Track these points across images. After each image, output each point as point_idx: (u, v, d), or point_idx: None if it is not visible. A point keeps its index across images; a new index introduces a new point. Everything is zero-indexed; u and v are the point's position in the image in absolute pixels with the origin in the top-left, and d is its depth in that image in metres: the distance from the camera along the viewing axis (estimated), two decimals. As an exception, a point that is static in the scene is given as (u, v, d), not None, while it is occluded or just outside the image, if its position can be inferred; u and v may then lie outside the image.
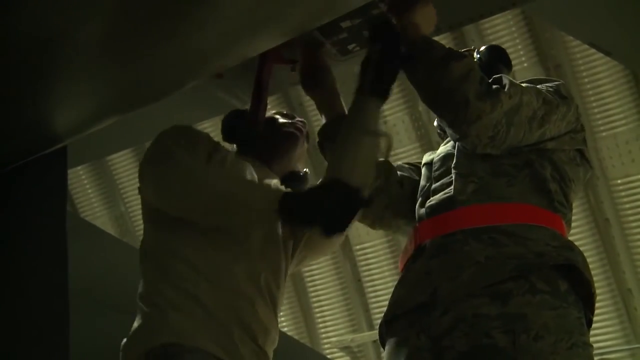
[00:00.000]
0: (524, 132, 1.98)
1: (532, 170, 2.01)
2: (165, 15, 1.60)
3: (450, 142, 2.18)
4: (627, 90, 5.72)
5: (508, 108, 1.93)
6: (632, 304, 5.94)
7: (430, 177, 2.13)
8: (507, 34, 6.05)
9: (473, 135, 1.94)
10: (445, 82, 1.93)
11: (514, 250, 1.85)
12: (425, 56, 1.97)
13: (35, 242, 2.22)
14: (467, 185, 2.00)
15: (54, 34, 1.61)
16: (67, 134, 2.08)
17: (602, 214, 5.95)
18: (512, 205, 1.95)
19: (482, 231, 1.91)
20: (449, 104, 1.94)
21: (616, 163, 5.84)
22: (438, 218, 2.00)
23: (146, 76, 1.87)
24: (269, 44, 1.99)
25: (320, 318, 7.35)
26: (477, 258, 1.86)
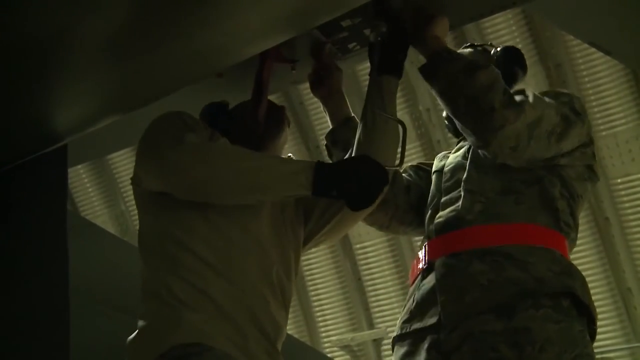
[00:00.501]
0: (544, 147, 2.01)
1: (541, 187, 2.05)
2: (167, 14, 1.60)
3: (461, 150, 2.21)
4: (627, 89, 5.73)
5: (530, 120, 1.96)
6: (632, 302, 5.95)
7: (440, 188, 2.16)
8: (507, 33, 6.05)
9: (495, 145, 1.97)
10: (470, 90, 1.96)
11: (515, 275, 1.91)
12: (450, 65, 2.01)
13: (35, 240, 2.22)
14: (474, 205, 2.04)
15: (55, 32, 1.61)
16: (67, 132, 2.08)
17: (602, 212, 5.95)
18: (517, 226, 2.00)
19: (485, 253, 1.96)
20: (474, 112, 1.97)
21: (616, 162, 5.84)
22: (446, 237, 2.05)
23: (147, 75, 1.86)
24: (270, 43, 2.00)
25: (320, 317, 7.35)
26: (480, 281, 1.92)
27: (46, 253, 2.21)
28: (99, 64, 1.78)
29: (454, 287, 1.95)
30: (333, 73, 2.30)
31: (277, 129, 2.16)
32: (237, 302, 1.81)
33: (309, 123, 6.78)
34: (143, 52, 1.75)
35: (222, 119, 2.10)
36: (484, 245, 1.97)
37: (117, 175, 7.50)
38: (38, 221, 2.21)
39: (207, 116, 2.13)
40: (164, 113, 1.92)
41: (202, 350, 1.71)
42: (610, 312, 6.04)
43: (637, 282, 5.96)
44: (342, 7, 1.88)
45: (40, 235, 2.21)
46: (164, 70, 1.87)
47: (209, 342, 1.73)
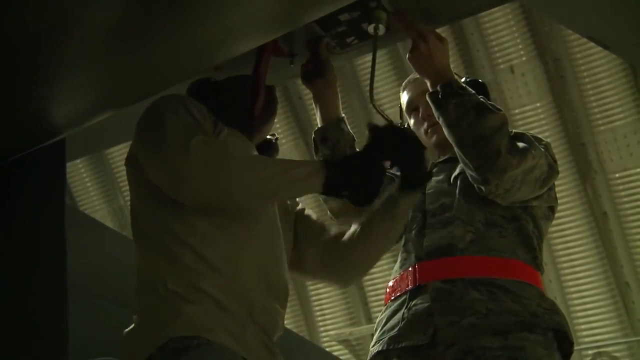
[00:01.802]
0: (529, 191, 2.14)
1: (519, 225, 2.18)
2: (166, 7, 1.60)
3: (442, 175, 2.27)
4: (626, 84, 5.73)
5: (527, 167, 2.07)
6: (630, 297, 5.96)
7: (423, 208, 2.21)
8: (506, 28, 6.04)
9: (493, 185, 2.06)
10: (479, 130, 2.04)
11: (512, 307, 2.02)
12: (461, 100, 2.07)
13: (34, 235, 2.22)
14: (466, 234, 2.14)
15: (52, 26, 1.60)
16: (66, 126, 2.07)
17: (600, 207, 5.96)
18: (506, 261, 2.11)
19: (479, 282, 2.06)
20: (480, 151, 2.05)
21: (614, 157, 5.85)
22: (438, 262, 2.13)
23: (145, 69, 1.86)
24: (267, 37, 2.00)
25: (319, 311, 7.36)
26: (479, 308, 2.01)
27: (44, 247, 2.21)
28: (96, 58, 1.77)
29: (451, 311, 2.03)
30: (330, 67, 2.31)
31: (270, 112, 2.16)
32: (235, 297, 1.80)
33: (307, 118, 6.77)
34: (140, 46, 1.74)
35: (210, 96, 2.08)
36: (477, 275, 2.07)
37: (116, 170, 7.49)
38: (36, 215, 2.21)
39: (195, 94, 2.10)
40: (166, 96, 1.88)
41: (200, 344, 1.70)
42: (608, 307, 6.05)
43: (635, 277, 5.97)
44: (341, 1, 1.88)
45: (38, 229, 2.21)
46: (162, 64, 1.87)
47: (207, 334, 1.72)
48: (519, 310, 2.01)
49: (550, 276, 6.07)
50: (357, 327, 7.10)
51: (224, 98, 2.10)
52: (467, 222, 2.14)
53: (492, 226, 2.15)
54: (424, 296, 2.09)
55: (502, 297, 2.02)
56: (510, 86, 6.03)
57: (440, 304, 2.05)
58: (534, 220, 2.21)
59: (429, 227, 2.20)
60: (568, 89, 5.93)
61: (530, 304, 2.03)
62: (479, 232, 2.13)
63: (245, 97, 2.10)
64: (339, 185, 1.81)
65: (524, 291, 2.05)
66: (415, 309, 2.09)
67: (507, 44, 6.08)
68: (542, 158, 2.12)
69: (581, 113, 5.91)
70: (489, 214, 2.16)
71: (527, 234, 2.17)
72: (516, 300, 2.02)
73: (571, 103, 5.91)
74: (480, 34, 6.06)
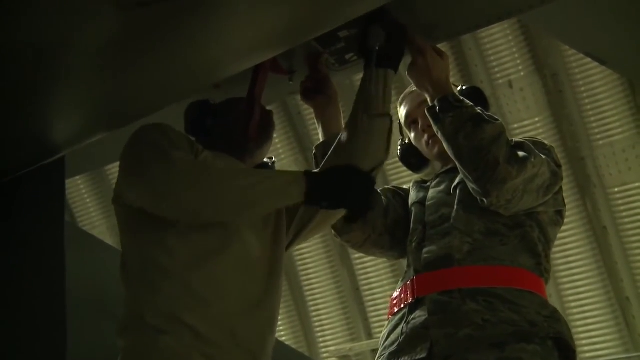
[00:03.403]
0: (532, 199, 2.12)
1: (523, 231, 2.16)
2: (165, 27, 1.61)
3: (443, 185, 2.28)
4: (624, 98, 5.74)
5: (528, 176, 2.06)
6: (631, 312, 5.94)
7: (423, 220, 2.21)
8: (504, 43, 6.07)
9: (494, 196, 2.06)
10: (476, 141, 2.05)
11: (509, 317, 1.99)
12: (458, 112, 2.08)
13: (34, 251, 2.22)
14: (463, 245, 2.12)
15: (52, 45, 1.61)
16: (65, 144, 2.08)
17: (600, 222, 5.95)
18: (505, 269, 2.09)
19: (477, 292, 2.04)
20: (478, 163, 2.05)
21: (613, 171, 5.85)
22: (436, 274, 2.11)
23: (144, 88, 1.87)
24: (266, 56, 2.01)
25: (318, 327, 7.34)
26: (475, 319, 1.99)
27: (44, 264, 2.21)
28: (95, 77, 1.78)
29: (448, 323, 2.02)
30: (329, 83, 2.31)
31: (265, 136, 2.16)
32: (217, 325, 1.80)
33: (307, 133, 6.78)
34: (139, 65, 1.75)
35: (208, 118, 2.10)
36: (474, 285, 2.05)
37: (115, 186, 7.48)
38: (36, 233, 2.21)
39: (193, 115, 2.12)
40: (144, 126, 1.89)
41: None
42: (608, 322, 6.03)
43: (636, 291, 5.95)
44: (339, 20, 1.89)
45: (38, 246, 2.21)
46: (161, 82, 1.88)
47: None
48: (516, 320, 1.98)
49: (550, 291, 6.05)
50: (357, 343, 7.07)
51: (220, 120, 2.11)
52: (465, 233, 2.13)
53: (493, 235, 2.13)
54: (422, 309, 2.08)
55: (500, 306, 2.00)
56: (509, 101, 6.05)
57: (437, 316, 2.04)
58: (540, 226, 2.19)
59: (428, 239, 2.20)
60: (566, 103, 5.94)
61: (529, 312, 2.01)
62: (477, 242, 2.12)
63: (240, 119, 2.10)
64: (319, 197, 1.81)
65: (523, 299, 2.03)
66: (414, 322, 2.09)
67: (506, 59, 6.10)
68: (543, 166, 2.10)
69: (580, 127, 5.91)
70: (490, 223, 2.14)
71: (531, 240, 2.15)
72: (514, 309, 2.00)
73: (570, 117, 5.92)
74: (478, 49, 6.08)
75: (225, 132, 2.10)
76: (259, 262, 1.93)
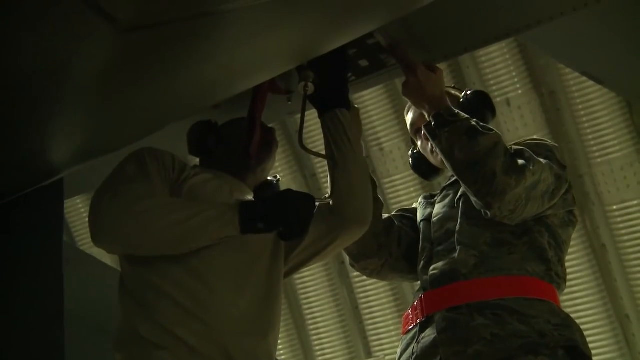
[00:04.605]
0: (538, 206, 2.10)
1: (530, 238, 2.12)
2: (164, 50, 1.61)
3: (447, 199, 2.27)
4: (621, 116, 5.75)
5: (529, 184, 2.04)
6: (631, 330, 5.91)
7: (430, 238, 2.20)
8: (501, 61, 6.08)
9: (496, 208, 2.04)
10: (472, 154, 2.04)
11: (518, 329, 1.95)
12: (452, 127, 2.07)
13: (32, 273, 2.22)
14: (469, 258, 2.10)
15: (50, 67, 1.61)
16: (63, 166, 2.08)
17: (599, 239, 5.94)
18: (513, 279, 2.05)
19: (485, 306, 2.01)
20: (476, 176, 2.04)
21: (612, 189, 5.84)
22: (442, 290, 2.10)
23: (142, 109, 1.87)
24: (266, 77, 2.01)
25: (317, 345, 7.30)
26: (484, 335, 1.96)
27: (42, 286, 2.20)
28: (94, 99, 1.78)
29: (457, 341, 1.99)
30: None
31: (266, 153, 2.17)
32: (211, 341, 1.81)
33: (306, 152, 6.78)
34: (138, 87, 1.76)
35: (210, 139, 2.12)
36: (482, 298, 2.02)
37: (114, 205, 7.46)
38: (34, 254, 2.20)
39: (196, 135, 2.14)
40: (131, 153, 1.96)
41: None
42: (609, 340, 6.00)
43: (635, 309, 5.93)
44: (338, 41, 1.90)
45: (36, 268, 2.20)
46: (160, 103, 1.88)
47: None
48: (525, 331, 1.95)
49: (550, 309, 6.05)
50: (356, 362, 7.04)
51: (222, 140, 2.12)
52: (470, 246, 2.10)
53: (500, 245, 2.10)
54: (432, 327, 2.06)
55: (508, 319, 1.97)
56: (507, 119, 6.06)
57: (446, 334, 2.02)
58: (549, 230, 2.15)
59: (435, 255, 2.17)
60: (564, 121, 5.95)
61: (538, 322, 1.97)
62: (483, 255, 2.09)
63: (242, 139, 2.12)
64: (253, 221, 1.82)
65: (532, 309, 1.99)
66: (424, 342, 2.07)
67: (503, 77, 6.12)
68: (544, 172, 2.07)
69: (578, 145, 5.92)
70: (497, 233, 2.11)
71: (539, 247, 2.11)
72: (523, 320, 1.97)
73: (567, 135, 5.93)
74: (476, 67, 6.09)
75: (227, 152, 2.12)
76: (256, 284, 1.93)
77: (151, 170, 1.91)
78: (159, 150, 1.99)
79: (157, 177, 1.91)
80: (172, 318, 1.80)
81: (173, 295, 1.82)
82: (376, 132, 6.23)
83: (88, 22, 1.42)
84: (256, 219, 1.83)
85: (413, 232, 2.36)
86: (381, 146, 6.31)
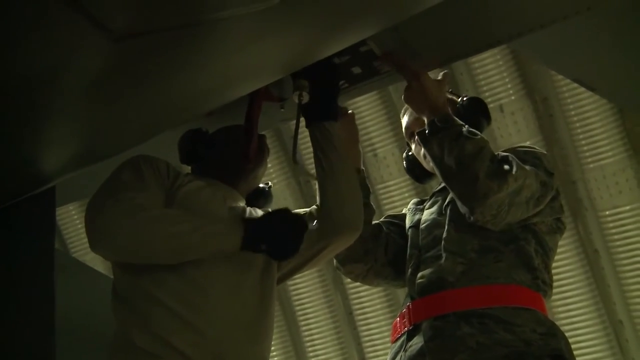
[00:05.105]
0: (521, 212, 2.11)
1: (517, 246, 2.14)
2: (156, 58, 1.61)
3: (435, 206, 2.28)
4: (614, 122, 5.77)
5: (512, 189, 2.05)
6: (624, 335, 5.92)
7: (418, 245, 2.21)
8: (494, 68, 6.10)
9: (479, 212, 2.06)
10: (459, 158, 2.06)
11: (504, 337, 1.97)
12: (443, 133, 2.09)
13: (23, 281, 2.21)
14: (456, 266, 2.11)
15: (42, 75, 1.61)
16: (55, 174, 2.07)
17: (592, 245, 5.95)
18: (499, 287, 2.07)
19: (472, 314, 2.02)
20: (460, 179, 2.07)
21: (604, 195, 5.86)
22: (430, 299, 2.11)
23: (135, 117, 1.87)
24: (259, 84, 2.02)
25: (311, 351, 7.29)
26: (470, 343, 1.98)
27: (33, 294, 2.20)
28: (87, 107, 1.78)
29: (444, 349, 2.00)
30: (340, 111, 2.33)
31: (259, 159, 2.18)
32: (207, 351, 1.81)
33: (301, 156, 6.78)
34: (131, 95, 1.75)
35: (200, 147, 2.13)
36: (468, 307, 2.03)
37: (107, 211, 7.43)
38: (26, 263, 2.20)
39: (187, 143, 2.14)
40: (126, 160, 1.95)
41: None
42: (602, 345, 6.01)
43: (628, 315, 5.94)
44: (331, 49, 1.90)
45: (28, 276, 2.19)
46: (152, 111, 1.88)
47: None
48: (510, 340, 1.96)
49: (543, 314, 6.06)
50: (350, 368, 7.03)
51: (214, 148, 2.12)
52: (457, 254, 2.12)
53: (487, 252, 2.11)
54: (419, 336, 2.07)
55: (494, 327, 1.98)
56: (500, 125, 6.07)
57: (433, 342, 2.03)
58: (536, 237, 2.17)
59: (423, 263, 2.18)
60: (557, 127, 5.97)
61: (524, 331, 1.98)
62: (471, 262, 2.10)
63: (235, 146, 2.12)
64: (256, 242, 1.84)
65: (518, 317, 2.00)
66: (411, 350, 2.08)
67: (496, 83, 6.13)
68: (529, 178, 2.08)
69: (570, 151, 5.93)
70: (484, 240, 2.13)
71: (526, 254, 2.13)
72: (508, 329, 1.98)
73: (560, 141, 5.95)
74: (469, 74, 6.11)
75: (218, 159, 2.12)
76: (249, 291, 1.93)
77: (147, 177, 1.91)
78: (153, 157, 1.99)
79: (153, 184, 1.91)
80: (167, 327, 1.79)
81: (168, 304, 1.82)
82: (370, 138, 6.24)
83: (81, 30, 1.42)
84: (259, 240, 1.85)
85: (400, 239, 2.37)
86: (375, 152, 6.31)
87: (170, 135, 2.12)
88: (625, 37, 2.34)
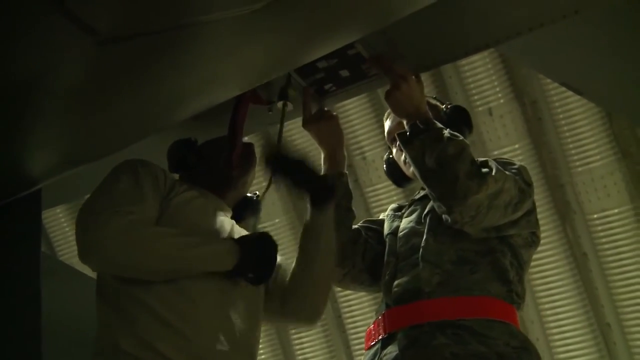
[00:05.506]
0: (499, 216, 2.12)
1: (493, 258, 2.15)
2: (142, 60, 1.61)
3: (414, 215, 2.29)
4: (601, 125, 5.80)
5: (492, 192, 2.06)
6: (612, 338, 5.95)
7: (395, 252, 2.22)
8: (483, 71, 6.12)
9: (457, 212, 2.06)
10: (439, 159, 2.06)
11: (478, 350, 1.98)
12: (424, 135, 2.10)
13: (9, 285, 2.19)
14: (433, 277, 2.12)
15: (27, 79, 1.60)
16: (41, 177, 2.06)
17: (580, 248, 5.97)
18: (475, 299, 2.08)
19: (447, 325, 2.03)
20: (439, 179, 2.07)
21: (592, 198, 5.88)
22: (405, 308, 2.12)
23: (121, 120, 1.87)
24: (247, 87, 2.01)
25: (300, 355, 7.28)
26: (444, 354, 1.99)
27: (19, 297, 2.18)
28: (73, 110, 1.77)
29: (419, 358, 2.01)
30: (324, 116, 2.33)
31: (246, 168, 2.17)
32: (191, 356, 1.79)
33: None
34: (118, 97, 1.75)
35: (190, 156, 2.12)
36: (443, 317, 2.04)
37: (95, 214, 7.40)
38: (12, 266, 2.18)
39: (176, 152, 2.14)
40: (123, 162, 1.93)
41: None
42: (590, 348, 6.03)
43: (616, 317, 5.97)
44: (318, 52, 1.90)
45: (13, 279, 2.18)
46: (140, 114, 1.87)
47: None
48: (484, 352, 1.97)
49: (532, 317, 6.06)
50: (339, 371, 7.03)
51: (202, 157, 2.12)
52: (435, 264, 2.12)
53: (463, 264, 2.12)
54: (394, 344, 2.08)
55: (469, 339, 1.99)
56: (489, 128, 6.09)
57: (408, 351, 2.03)
58: (512, 250, 2.18)
59: (399, 271, 2.19)
60: (545, 130, 5.99)
61: (497, 344, 1.99)
62: (447, 273, 2.11)
63: (222, 154, 2.12)
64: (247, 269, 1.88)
65: (492, 330, 2.02)
66: (386, 358, 2.08)
67: (485, 86, 6.15)
68: (507, 182, 2.09)
69: (559, 154, 5.95)
70: (461, 251, 2.14)
71: (502, 267, 2.14)
72: (482, 341, 1.99)
73: (549, 145, 5.97)
74: (458, 77, 6.12)
75: (207, 168, 2.12)
76: (237, 298, 1.93)
77: (145, 186, 1.90)
78: (151, 163, 1.98)
79: (150, 194, 1.90)
80: (154, 332, 1.78)
81: (155, 309, 1.81)
82: (359, 141, 6.24)
83: (67, 33, 1.41)
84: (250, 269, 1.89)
85: (378, 244, 2.37)
86: (364, 155, 6.32)
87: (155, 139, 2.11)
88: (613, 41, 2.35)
